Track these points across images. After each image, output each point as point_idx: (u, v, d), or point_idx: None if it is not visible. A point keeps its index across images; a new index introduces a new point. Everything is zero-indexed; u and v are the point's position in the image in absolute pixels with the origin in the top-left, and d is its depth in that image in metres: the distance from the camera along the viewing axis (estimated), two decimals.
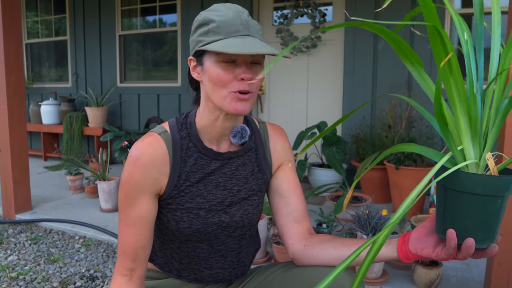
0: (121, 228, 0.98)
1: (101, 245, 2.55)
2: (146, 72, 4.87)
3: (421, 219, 2.27)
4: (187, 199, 0.99)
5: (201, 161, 1.00)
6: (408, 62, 0.70)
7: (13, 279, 2.12)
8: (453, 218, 0.74)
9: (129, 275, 0.98)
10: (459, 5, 3.31)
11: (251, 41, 0.88)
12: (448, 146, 0.73)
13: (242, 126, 1.01)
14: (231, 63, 0.90)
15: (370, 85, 3.58)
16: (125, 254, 0.97)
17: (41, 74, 5.67)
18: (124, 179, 0.96)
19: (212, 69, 0.91)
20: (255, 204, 1.07)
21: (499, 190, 0.69)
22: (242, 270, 1.13)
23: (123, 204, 0.96)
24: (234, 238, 1.06)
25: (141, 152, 0.95)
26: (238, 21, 0.90)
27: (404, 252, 0.87)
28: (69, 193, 3.62)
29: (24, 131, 3.04)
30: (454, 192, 0.72)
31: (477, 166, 0.72)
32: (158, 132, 0.99)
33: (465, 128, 0.70)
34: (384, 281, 1.94)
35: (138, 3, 4.76)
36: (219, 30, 0.89)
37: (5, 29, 2.84)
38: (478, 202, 0.70)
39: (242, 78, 0.90)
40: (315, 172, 3.48)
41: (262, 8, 4.10)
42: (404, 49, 0.66)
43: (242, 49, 0.84)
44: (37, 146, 5.56)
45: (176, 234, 1.02)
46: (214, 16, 0.91)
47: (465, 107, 0.69)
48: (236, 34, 0.89)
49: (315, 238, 1.03)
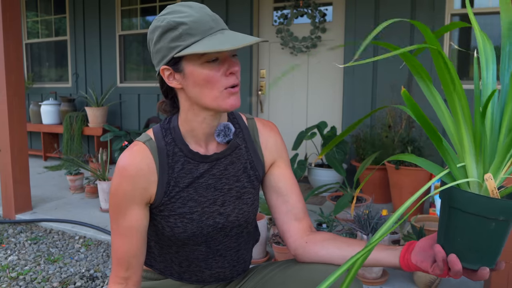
0: (113, 238, 0.98)
1: (101, 245, 2.55)
2: (146, 72, 4.87)
3: (421, 219, 2.26)
4: (179, 205, 0.98)
5: (189, 165, 0.98)
6: (418, 76, 0.70)
7: (13, 279, 2.12)
8: (446, 233, 0.73)
9: (124, 283, 0.98)
10: (459, 5, 3.31)
11: (231, 34, 0.87)
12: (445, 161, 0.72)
13: (225, 124, 0.99)
14: (215, 62, 0.88)
15: (370, 85, 3.57)
16: (119, 263, 0.97)
17: (41, 74, 5.67)
18: (112, 189, 0.95)
19: (198, 72, 0.88)
20: (250, 202, 1.06)
21: (491, 212, 0.66)
22: (243, 267, 1.12)
23: (114, 215, 0.96)
24: (231, 238, 1.06)
25: (127, 162, 0.94)
26: (207, 18, 0.88)
27: (406, 261, 0.86)
28: (69, 193, 3.62)
29: (24, 131, 3.04)
30: (449, 208, 0.71)
31: (479, 185, 0.70)
32: (142, 141, 0.97)
33: (468, 145, 0.69)
34: (384, 281, 1.94)
35: (138, 3, 4.76)
36: (193, 32, 0.86)
37: (5, 29, 2.84)
38: (468, 221, 0.68)
39: (231, 72, 0.89)
40: (315, 172, 3.48)
41: (262, 8, 4.10)
42: (415, 64, 0.67)
43: (232, 44, 0.83)
44: (37, 146, 5.56)
45: (172, 239, 1.02)
46: (181, 18, 0.87)
47: (469, 124, 0.67)
48: (212, 32, 0.88)
49: (317, 236, 1.02)
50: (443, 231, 0.74)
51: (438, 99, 0.71)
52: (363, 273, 1.95)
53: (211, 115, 0.95)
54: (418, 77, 0.70)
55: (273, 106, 4.18)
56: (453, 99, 0.66)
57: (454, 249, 0.72)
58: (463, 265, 0.72)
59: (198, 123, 0.96)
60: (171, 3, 4.54)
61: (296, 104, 4.07)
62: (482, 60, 0.71)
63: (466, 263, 0.71)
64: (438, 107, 0.71)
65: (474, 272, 0.73)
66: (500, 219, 0.67)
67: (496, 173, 0.69)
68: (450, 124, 0.71)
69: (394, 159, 0.77)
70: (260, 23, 4.13)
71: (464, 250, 0.71)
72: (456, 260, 0.71)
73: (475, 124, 0.67)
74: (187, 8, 0.89)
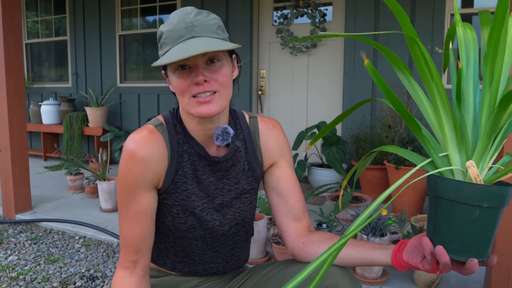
0: (122, 222, 0.97)
1: (101, 245, 2.55)
2: (146, 72, 4.87)
3: (421, 219, 2.26)
4: (183, 197, 0.99)
5: (193, 157, 0.99)
6: (396, 68, 0.70)
7: (13, 279, 2.12)
8: (433, 225, 0.72)
9: (132, 267, 0.97)
10: (459, 5, 3.31)
11: (192, 43, 0.84)
12: (426, 150, 0.72)
13: (224, 127, 0.98)
14: (187, 69, 0.88)
15: (370, 85, 3.58)
16: (128, 247, 0.96)
17: (41, 74, 5.67)
18: (121, 173, 0.94)
19: (173, 79, 0.90)
20: (247, 202, 1.07)
21: (473, 198, 0.64)
22: (237, 264, 1.13)
23: (122, 199, 0.95)
24: (229, 236, 1.07)
25: (138, 146, 0.93)
26: (182, 25, 0.87)
27: (398, 260, 0.86)
28: (69, 193, 3.62)
29: (24, 131, 3.04)
30: (433, 198, 0.70)
31: (464, 174, 0.68)
32: (154, 125, 0.97)
33: (449, 133, 0.68)
34: (384, 281, 1.94)
35: (138, 3, 4.76)
36: (167, 41, 0.88)
37: (5, 29, 2.84)
38: (451, 209, 0.66)
39: (195, 82, 0.87)
40: (315, 172, 3.48)
41: (262, 8, 4.10)
42: (392, 56, 0.67)
43: (176, 56, 0.81)
44: (37, 146, 5.56)
45: (171, 229, 1.02)
46: (164, 27, 0.90)
47: (448, 113, 0.67)
48: (180, 40, 0.87)
49: (315, 236, 1.03)
50: (432, 224, 0.73)
51: (417, 89, 0.71)
52: (363, 273, 1.95)
53: (198, 119, 0.95)
54: (396, 68, 0.70)
55: (273, 106, 4.18)
56: (431, 87, 0.65)
57: (441, 241, 0.70)
58: (450, 256, 0.69)
59: (193, 125, 0.98)
60: (171, 3, 4.54)
61: (296, 104, 4.07)
62: (461, 50, 0.70)
63: (453, 254, 0.69)
64: (418, 97, 0.71)
65: (463, 265, 0.71)
66: (484, 206, 0.64)
67: (480, 160, 0.67)
68: (431, 113, 0.70)
69: (379, 150, 0.77)
70: (260, 23, 4.13)
71: (451, 240, 0.68)
72: (443, 252, 0.69)
73: (454, 112, 0.66)
74: (174, 15, 0.90)
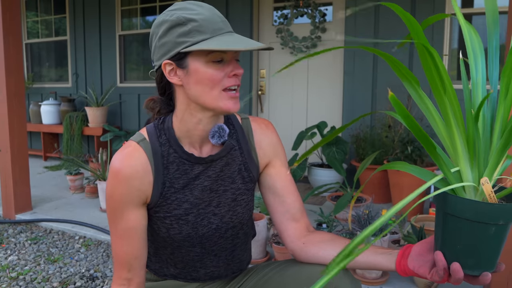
0: (113, 240, 0.97)
1: (101, 245, 2.55)
2: (146, 72, 4.86)
3: (421, 219, 2.26)
4: (175, 206, 0.97)
5: (184, 166, 0.97)
6: (405, 80, 0.66)
7: (13, 279, 2.12)
8: (444, 240, 0.71)
9: (127, 284, 0.97)
10: (459, 5, 3.31)
11: (240, 37, 0.88)
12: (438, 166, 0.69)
13: (219, 125, 0.98)
14: (219, 62, 0.88)
15: (370, 85, 3.57)
16: (120, 265, 0.96)
17: (41, 74, 5.67)
18: (108, 193, 0.94)
19: (203, 70, 0.87)
20: (244, 203, 1.05)
21: (491, 217, 0.64)
22: (239, 266, 1.12)
23: (111, 218, 0.95)
24: (227, 239, 1.05)
25: (122, 164, 0.92)
26: (217, 18, 0.88)
27: (403, 267, 0.85)
28: (69, 193, 3.62)
29: (24, 131, 3.04)
30: (445, 214, 0.69)
31: (475, 189, 0.67)
32: (136, 141, 0.96)
33: (461, 149, 0.66)
34: (384, 281, 1.94)
35: (138, 3, 4.76)
36: (203, 29, 0.86)
37: (5, 29, 2.84)
38: (467, 227, 0.66)
39: (235, 74, 0.89)
40: (315, 172, 3.48)
41: (262, 8, 4.10)
42: (399, 66, 0.63)
43: (244, 45, 0.83)
44: (37, 146, 5.56)
45: (167, 240, 1.01)
46: (192, 15, 0.86)
47: (461, 128, 0.64)
48: (221, 32, 0.88)
49: (315, 237, 1.02)
50: (440, 238, 0.73)
51: (427, 102, 0.67)
52: (363, 273, 1.95)
53: (207, 117, 0.94)
54: (404, 80, 0.66)
55: (273, 106, 4.18)
56: (444, 101, 0.62)
57: (455, 257, 0.70)
58: (464, 272, 0.70)
59: (193, 125, 0.95)
60: (171, 3, 4.54)
61: (296, 104, 4.07)
62: (470, 57, 0.67)
63: (468, 270, 0.69)
64: (428, 111, 0.68)
65: (476, 278, 0.71)
66: (500, 223, 0.64)
67: (492, 175, 0.67)
68: (442, 128, 0.67)
69: (385, 168, 0.75)
70: (260, 23, 4.13)
71: (465, 257, 0.69)
72: (459, 269, 0.69)
73: (467, 127, 0.64)
74: (197, 7, 0.89)
